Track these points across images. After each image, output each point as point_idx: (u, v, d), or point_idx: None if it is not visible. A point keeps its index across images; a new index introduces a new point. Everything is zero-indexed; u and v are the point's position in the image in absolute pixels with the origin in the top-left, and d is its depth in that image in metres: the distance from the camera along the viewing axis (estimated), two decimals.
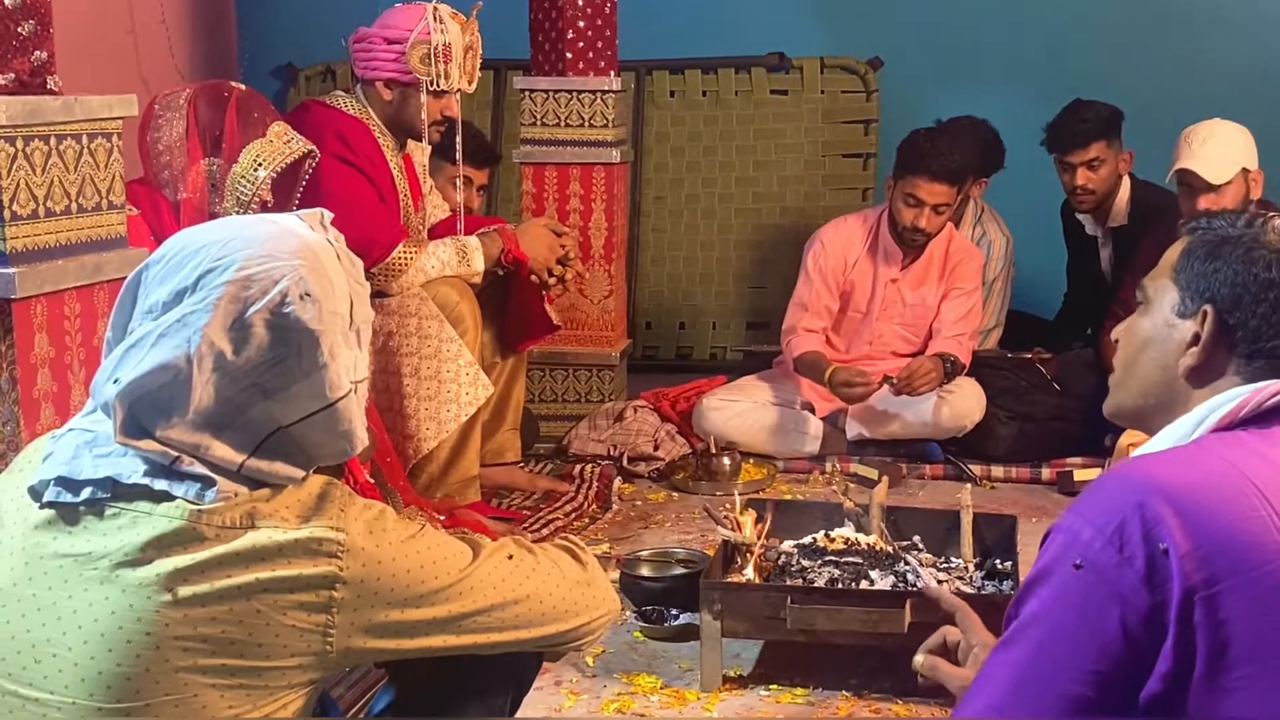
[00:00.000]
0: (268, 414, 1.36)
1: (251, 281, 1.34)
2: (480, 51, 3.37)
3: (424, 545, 1.43)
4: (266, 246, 1.37)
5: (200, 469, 1.34)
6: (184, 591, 1.31)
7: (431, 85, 3.26)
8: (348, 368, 1.40)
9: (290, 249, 1.38)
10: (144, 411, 1.34)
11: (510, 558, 1.52)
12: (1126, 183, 4.25)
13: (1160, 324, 1.39)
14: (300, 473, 1.39)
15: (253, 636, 1.33)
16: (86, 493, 1.34)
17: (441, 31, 3.23)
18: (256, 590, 1.32)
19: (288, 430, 1.37)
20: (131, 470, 1.34)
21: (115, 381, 1.35)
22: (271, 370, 1.35)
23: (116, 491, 1.34)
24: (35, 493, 1.37)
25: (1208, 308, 1.34)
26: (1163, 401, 1.38)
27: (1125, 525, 1.19)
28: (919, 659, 1.59)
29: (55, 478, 1.36)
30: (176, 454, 1.34)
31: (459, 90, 3.32)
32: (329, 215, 1.47)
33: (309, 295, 1.36)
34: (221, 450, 1.35)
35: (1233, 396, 1.30)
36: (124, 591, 1.31)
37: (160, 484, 1.33)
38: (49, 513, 1.35)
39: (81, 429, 1.40)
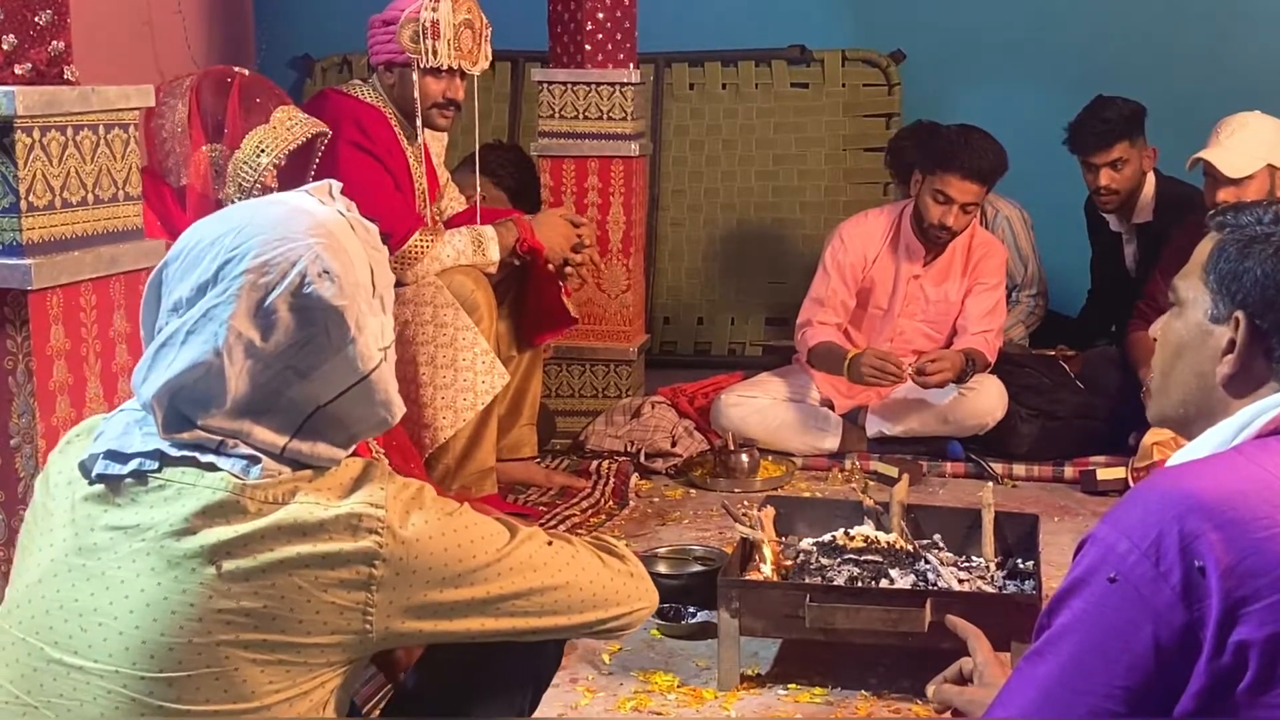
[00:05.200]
0: (305, 394, 1.38)
1: (269, 266, 1.35)
2: (484, 31, 3.34)
3: (462, 523, 1.44)
4: (280, 230, 1.38)
5: (246, 449, 1.36)
6: (228, 565, 1.33)
7: (422, 63, 3.24)
8: (375, 336, 1.41)
9: (303, 228, 1.38)
10: (184, 404, 1.37)
11: (549, 544, 1.53)
12: (1151, 178, 4.21)
13: (1194, 329, 1.35)
14: (342, 453, 1.41)
15: (294, 612, 1.34)
16: (134, 464, 1.37)
17: (432, 9, 3.22)
18: (298, 565, 1.34)
19: (326, 408, 1.39)
20: (178, 446, 1.37)
21: (151, 383, 1.37)
22: (302, 351, 1.37)
23: (165, 461, 1.36)
24: (85, 468, 1.39)
25: (1239, 313, 1.30)
26: (1203, 410, 1.34)
27: (1162, 540, 1.16)
28: (930, 689, 1.61)
29: (105, 451, 1.38)
30: (220, 439, 1.36)
31: (461, 71, 3.29)
32: (337, 185, 1.48)
33: (328, 272, 1.36)
34: (263, 434, 1.37)
35: (1277, 403, 1.26)
36: (170, 563, 1.33)
37: (207, 458, 1.36)
38: (98, 486, 1.38)
39: (132, 409, 1.43)
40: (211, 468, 1.35)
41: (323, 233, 1.39)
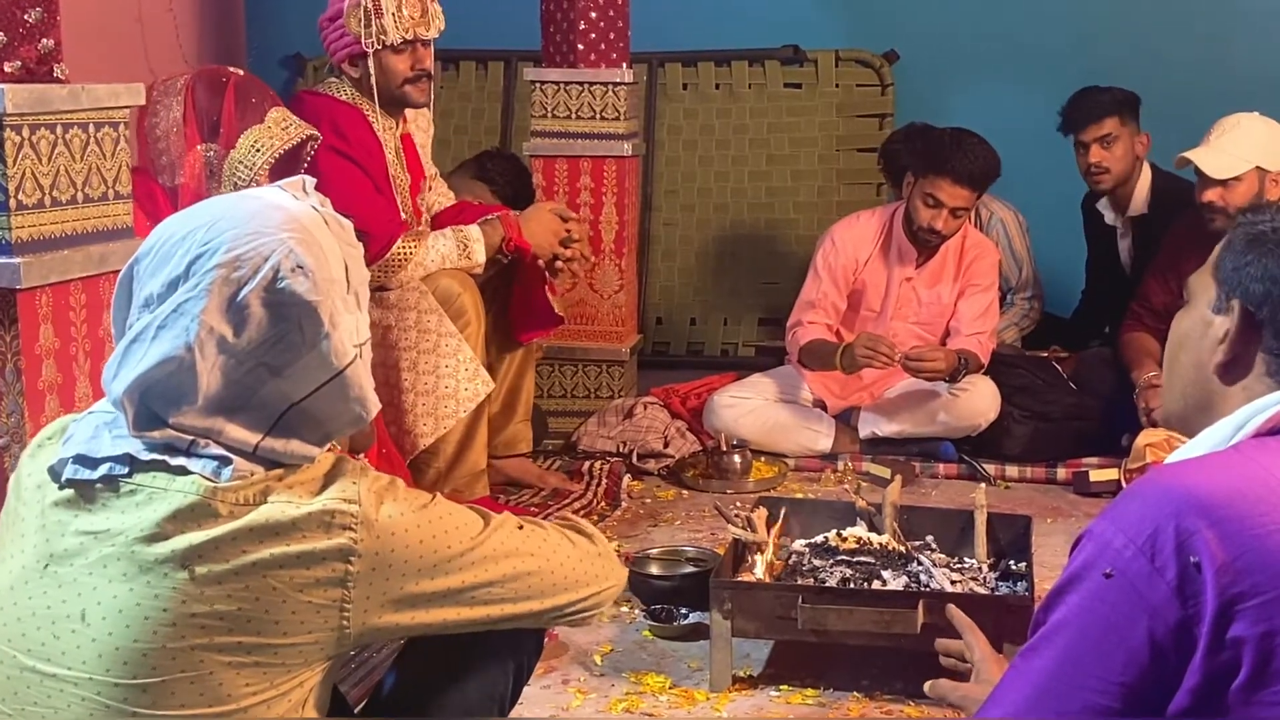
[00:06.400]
0: (279, 392, 1.36)
1: (241, 261, 1.33)
2: None
3: (436, 514, 1.43)
4: (252, 224, 1.36)
5: (217, 449, 1.35)
6: (200, 569, 1.31)
7: (373, 46, 3.22)
8: (350, 333, 1.40)
9: (276, 223, 1.37)
10: (155, 402, 1.35)
11: (520, 528, 1.53)
12: (1147, 171, 4.23)
13: (1197, 321, 1.37)
14: (316, 450, 1.39)
15: (270, 614, 1.33)
16: (104, 468, 1.35)
17: None
18: (272, 566, 1.32)
19: (300, 405, 1.37)
20: (149, 448, 1.35)
21: (121, 379, 1.35)
22: (275, 347, 1.35)
23: (134, 466, 1.35)
24: (54, 472, 1.38)
25: (1236, 301, 1.31)
26: (1201, 402, 1.35)
27: (1158, 535, 1.16)
28: (928, 684, 1.64)
29: (74, 456, 1.37)
30: (192, 438, 1.35)
31: (417, 38, 3.25)
32: (311, 181, 1.46)
33: (301, 267, 1.35)
34: (236, 432, 1.35)
35: (1275, 401, 1.26)
36: (142, 569, 1.32)
37: (178, 460, 1.34)
38: (68, 491, 1.36)
39: (102, 411, 1.41)
40: (182, 471, 1.34)
41: (296, 227, 1.37)
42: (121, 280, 1.41)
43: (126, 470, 1.34)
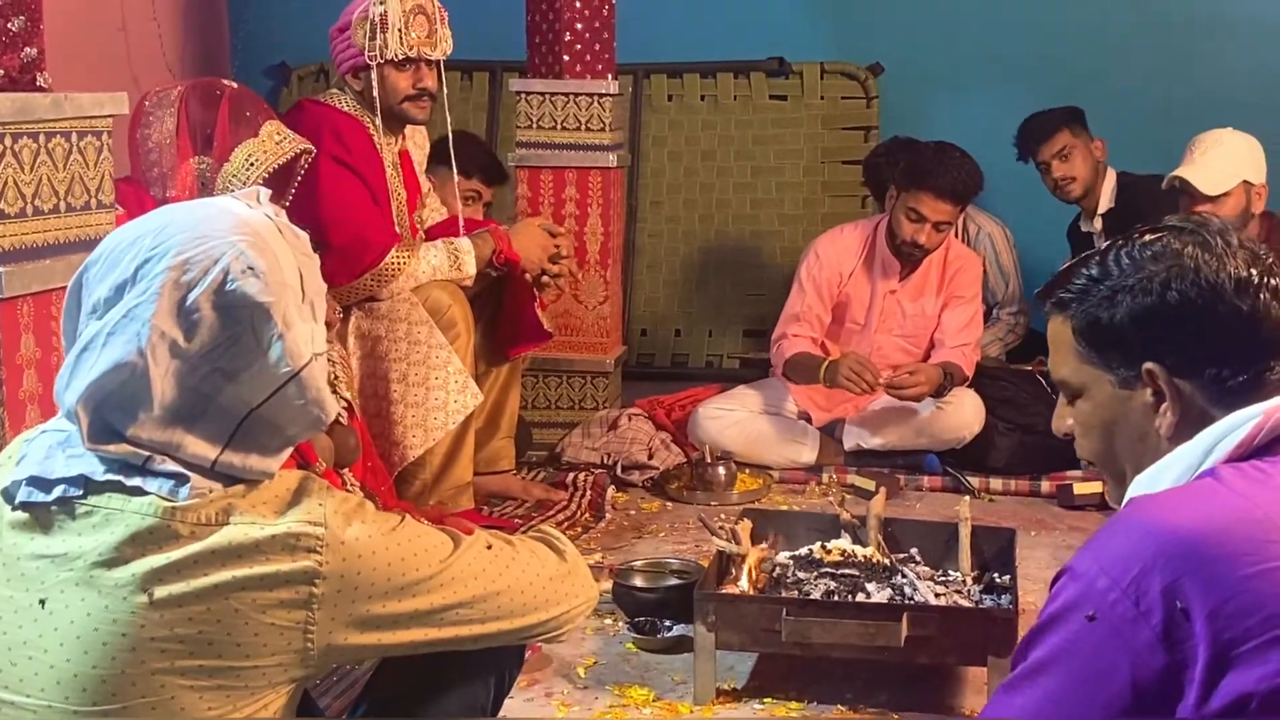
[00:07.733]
0: (236, 397, 1.33)
1: (190, 264, 1.31)
2: (439, 15, 3.31)
3: (404, 537, 1.41)
4: (201, 228, 1.34)
5: (173, 466, 1.32)
6: (160, 592, 1.28)
7: (377, 58, 3.22)
8: (306, 339, 1.37)
9: (226, 226, 1.34)
10: (110, 413, 1.32)
11: (489, 548, 1.51)
12: (1111, 174, 4.31)
13: (1111, 402, 1.32)
14: (274, 465, 1.37)
15: (231, 636, 1.30)
16: (59, 490, 1.32)
17: (379, 3, 3.21)
18: (234, 589, 1.30)
19: (259, 411, 1.34)
20: (104, 467, 1.32)
21: (74, 389, 1.32)
22: (229, 351, 1.32)
23: (89, 488, 1.32)
24: (8, 495, 1.35)
25: (1146, 365, 1.27)
26: (1157, 459, 1.29)
27: (1144, 578, 1.13)
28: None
29: (28, 478, 1.33)
30: (148, 454, 1.31)
31: (421, 57, 3.26)
32: (265, 192, 1.44)
33: (252, 269, 1.32)
34: (195, 446, 1.32)
35: (1244, 420, 1.23)
36: (100, 593, 1.29)
37: (134, 480, 1.31)
38: (23, 514, 1.33)
39: (55, 429, 1.37)
40: (138, 491, 1.30)
41: (247, 231, 1.35)
42: (71, 289, 1.38)
43: (81, 492, 1.32)
